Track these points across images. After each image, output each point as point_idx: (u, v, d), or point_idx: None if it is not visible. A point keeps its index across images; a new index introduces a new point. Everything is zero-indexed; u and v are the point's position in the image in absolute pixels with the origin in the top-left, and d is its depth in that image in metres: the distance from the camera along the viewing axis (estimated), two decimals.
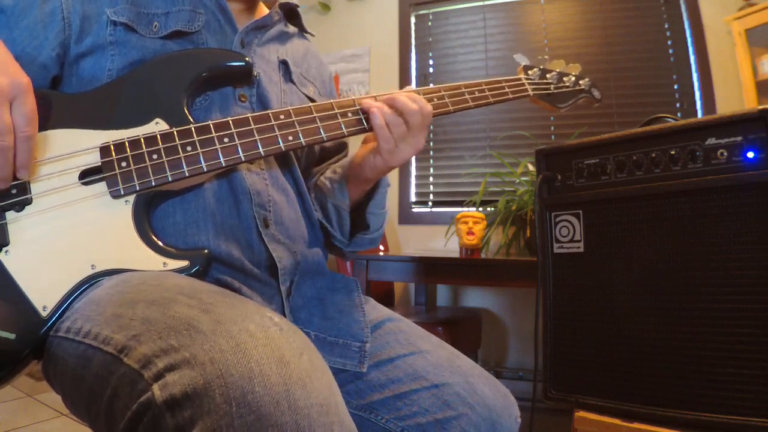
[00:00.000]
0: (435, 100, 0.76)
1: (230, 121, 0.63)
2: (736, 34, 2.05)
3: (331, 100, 0.70)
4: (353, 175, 0.77)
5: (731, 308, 0.80)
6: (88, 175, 0.58)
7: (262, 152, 0.63)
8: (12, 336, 0.52)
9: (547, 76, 0.94)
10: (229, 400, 0.38)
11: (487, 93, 0.82)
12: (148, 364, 0.42)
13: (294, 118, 0.66)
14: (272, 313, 0.48)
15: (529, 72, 0.92)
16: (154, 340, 0.43)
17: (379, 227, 0.82)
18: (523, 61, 0.94)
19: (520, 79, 0.89)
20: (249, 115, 0.64)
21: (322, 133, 0.67)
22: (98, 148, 0.59)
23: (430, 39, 2.75)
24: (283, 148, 0.64)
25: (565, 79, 0.96)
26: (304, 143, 0.66)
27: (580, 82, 0.98)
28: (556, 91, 0.93)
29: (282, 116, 0.66)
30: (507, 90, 0.85)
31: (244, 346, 0.41)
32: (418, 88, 0.76)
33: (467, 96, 0.80)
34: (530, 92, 0.89)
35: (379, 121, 0.69)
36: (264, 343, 0.42)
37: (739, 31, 2.03)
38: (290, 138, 0.65)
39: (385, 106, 0.70)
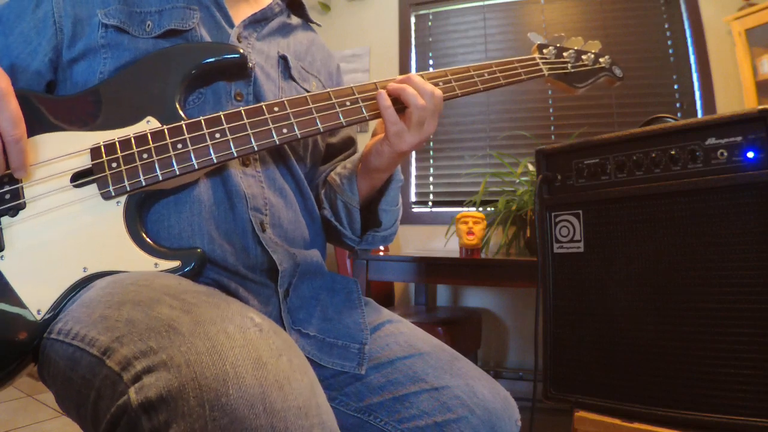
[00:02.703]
0: (441, 84, 0.72)
1: (222, 116, 0.61)
2: (736, 34, 2.05)
3: (329, 89, 0.68)
4: (362, 167, 0.75)
5: (731, 308, 0.80)
6: (79, 178, 0.58)
7: (255, 147, 0.61)
8: (8, 339, 0.52)
9: (564, 54, 0.88)
10: (203, 402, 0.37)
11: (498, 75, 0.77)
12: (127, 366, 0.41)
13: (289, 110, 0.64)
14: (255, 314, 0.48)
15: (544, 51, 0.87)
16: (135, 341, 0.42)
17: (391, 225, 0.80)
18: (538, 39, 0.88)
19: (534, 59, 0.84)
20: (242, 108, 0.63)
21: (319, 124, 0.65)
22: (89, 150, 0.58)
23: (430, 39, 2.74)
24: (278, 142, 0.63)
25: (584, 57, 0.90)
26: (299, 135, 0.64)
27: (600, 60, 0.91)
28: (573, 70, 0.87)
29: (276, 108, 0.64)
30: (520, 71, 0.80)
31: (221, 348, 0.41)
32: (423, 72, 0.72)
33: (476, 79, 0.75)
34: (545, 72, 0.83)
35: (385, 101, 0.67)
36: (241, 345, 0.42)
37: (739, 31, 2.03)
38: (285, 131, 0.63)
39: (396, 86, 0.68)
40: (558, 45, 0.89)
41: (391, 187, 0.77)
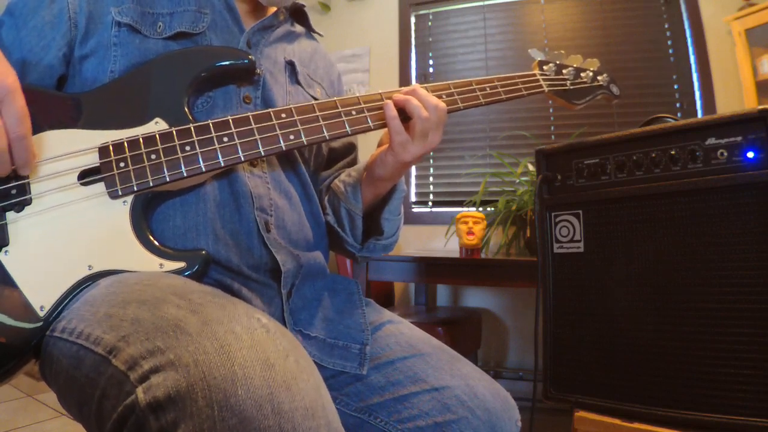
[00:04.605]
0: (444, 97, 0.74)
1: (230, 120, 0.62)
2: (736, 34, 2.05)
3: (335, 98, 0.69)
4: (367, 175, 0.76)
5: (731, 308, 0.80)
6: (87, 176, 0.58)
7: (262, 152, 0.62)
8: (10, 335, 0.52)
9: (564, 71, 0.90)
10: (212, 403, 0.38)
11: (500, 89, 0.79)
12: (134, 365, 0.41)
13: (296, 117, 0.65)
14: (261, 315, 0.48)
15: (545, 67, 0.89)
16: (141, 341, 0.42)
17: (392, 233, 0.81)
18: (538, 56, 0.90)
19: (534, 75, 0.86)
20: (249, 114, 0.63)
21: (325, 131, 0.66)
22: (97, 149, 0.59)
23: (430, 39, 2.74)
24: (284, 148, 0.63)
25: (582, 74, 0.92)
26: (305, 142, 0.65)
27: (599, 77, 0.94)
28: (572, 87, 0.90)
29: (284, 115, 0.65)
30: (521, 86, 0.82)
31: (229, 348, 0.41)
32: (426, 85, 0.73)
33: (478, 93, 0.77)
34: (545, 88, 0.85)
35: (391, 112, 0.68)
36: (249, 345, 0.42)
37: (739, 31, 2.03)
38: (291, 137, 0.64)
39: (401, 97, 0.69)
40: (558, 62, 0.91)
41: (394, 196, 0.78)
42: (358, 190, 0.76)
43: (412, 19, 2.78)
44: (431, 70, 2.73)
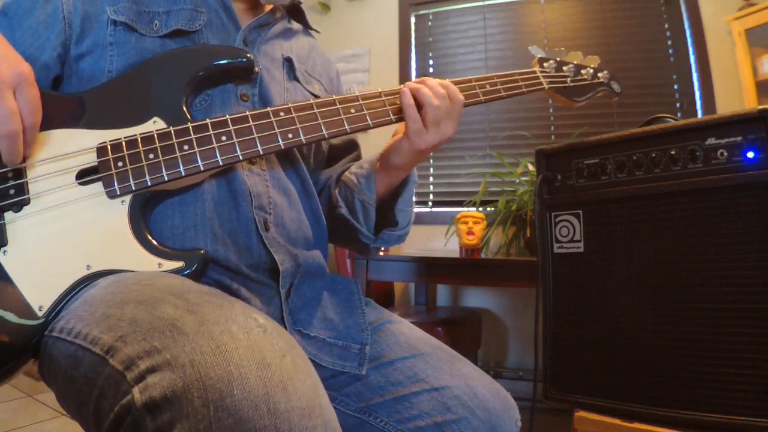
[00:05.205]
0: None
1: (228, 119, 0.62)
2: (736, 34, 2.05)
3: (334, 96, 0.69)
4: (381, 164, 0.77)
5: (731, 308, 0.80)
6: (85, 175, 0.58)
7: (260, 150, 0.62)
8: (9, 335, 0.52)
9: (564, 68, 0.90)
10: (208, 403, 0.38)
11: (500, 87, 0.79)
12: (131, 365, 0.41)
13: (294, 115, 0.65)
14: (258, 314, 0.48)
15: (545, 64, 0.88)
16: (138, 341, 0.42)
17: (407, 224, 0.81)
18: (538, 53, 0.90)
19: (534, 72, 0.85)
20: (248, 112, 0.63)
21: (324, 130, 0.66)
22: (95, 148, 0.59)
23: (430, 39, 2.74)
24: (283, 147, 0.63)
25: (582, 71, 0.91)
26: (304, 141, 0.64)
27: (599, 74, 0.93)
28: (572, 84, 0.89)
29: (282, 113, 0.65)
30: (521, 83, 0.82)
31: (225, 348, 0.41)
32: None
33: (478, 90, 0.77)
34: (545, 85, 0.85)
35: (408, 100, 0.69)
36: (245, 345, 0.42)
37: (739, 31, 2.03)
38: (290, 135, 0.64)
39: (414, 85, 0.71)
40: (558, 59, 0.91)
41: (407, 187, 0.79)
42: (372, 180, 0.76)
43: (412, 19, 2.78)
44: (431, 70, 2.73)
